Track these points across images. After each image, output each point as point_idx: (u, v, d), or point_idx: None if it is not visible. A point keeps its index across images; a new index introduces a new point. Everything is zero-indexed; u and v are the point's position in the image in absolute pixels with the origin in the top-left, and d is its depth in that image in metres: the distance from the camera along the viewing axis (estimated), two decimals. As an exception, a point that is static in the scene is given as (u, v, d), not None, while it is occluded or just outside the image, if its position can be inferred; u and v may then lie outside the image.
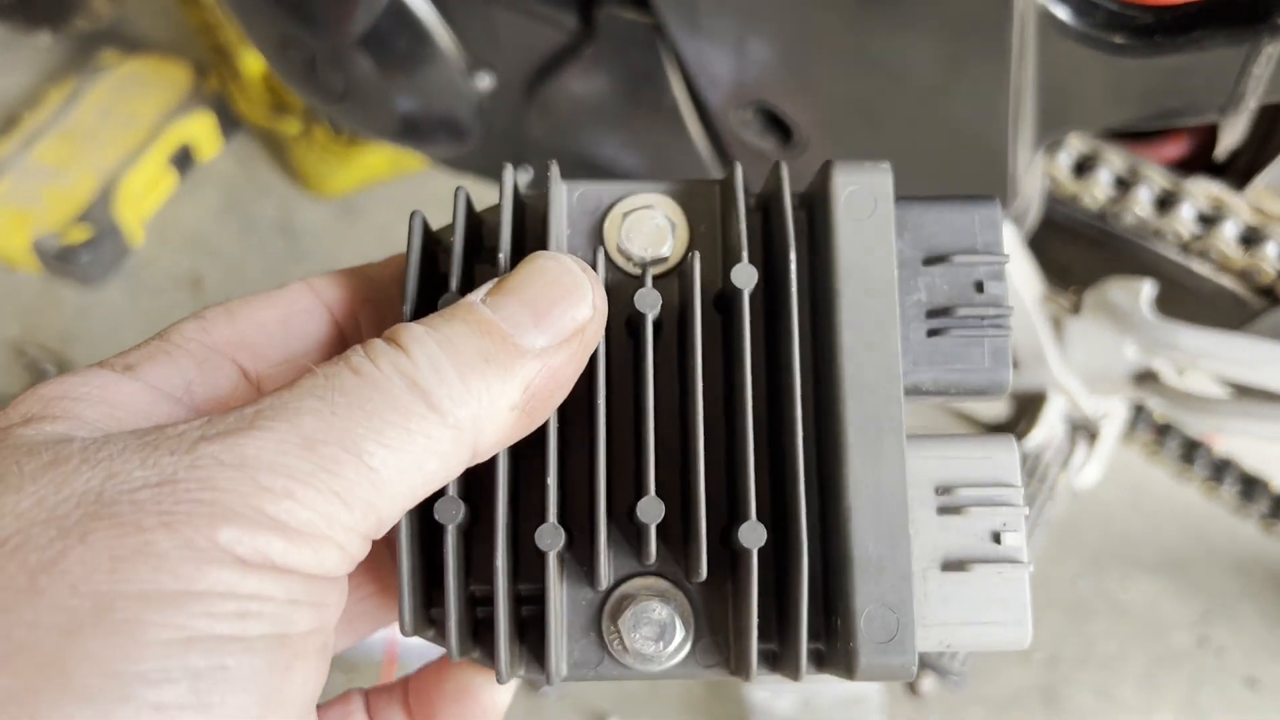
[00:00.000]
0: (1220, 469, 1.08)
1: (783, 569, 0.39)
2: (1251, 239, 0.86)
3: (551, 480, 0.37)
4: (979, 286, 0.40)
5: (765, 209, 0.43)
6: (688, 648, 0.39)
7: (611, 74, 0.95)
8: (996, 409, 1.02)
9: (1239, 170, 0.94)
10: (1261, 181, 0.91)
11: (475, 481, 0.39)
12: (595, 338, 0.37)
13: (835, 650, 0.38)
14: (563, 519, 0.39)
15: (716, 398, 0.41)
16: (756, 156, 0.93)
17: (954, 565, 0.38)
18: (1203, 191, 0.89)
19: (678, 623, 0.39)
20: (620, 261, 0.43)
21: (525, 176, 1.15)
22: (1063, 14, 0.70)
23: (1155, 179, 0.88)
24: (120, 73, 1.89)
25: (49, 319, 1.72)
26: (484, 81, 1.05)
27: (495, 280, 0.37)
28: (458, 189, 0.43)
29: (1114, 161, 0.89)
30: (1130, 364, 0.88)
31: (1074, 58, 0.71)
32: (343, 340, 0.42)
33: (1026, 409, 0.96)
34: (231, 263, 1.80)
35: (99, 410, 0.34)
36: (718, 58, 0.85)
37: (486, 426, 0.34)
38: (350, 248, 1.80)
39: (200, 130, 1.86)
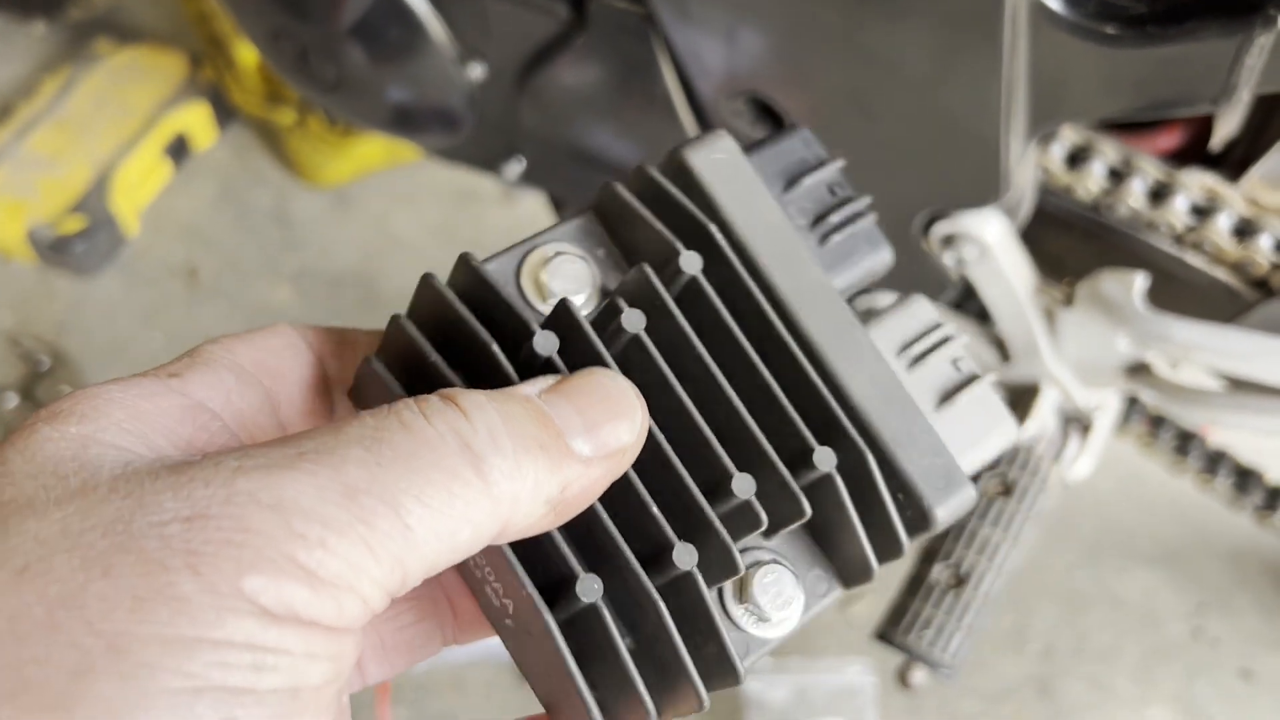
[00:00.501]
0: (1214, 461, 1.08)
1: (846, 477, 0.41)
2: (1245, 231, 0.86)
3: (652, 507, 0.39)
4: (831, 191, 0.46)
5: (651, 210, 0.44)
6: (802, 593, 0.42)
7: (603, 64, 0.95)
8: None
9: (1234, 161, 0.93)
10: (1256, 173, 0.90)
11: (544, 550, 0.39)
12: (631, 460, 0.37)
13: (908, 519, 0.42)
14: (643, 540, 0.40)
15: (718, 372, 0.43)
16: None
17: (944, 402, 0.44)
18: (1197, 183, 0.88)
19: (785, 575, 0.41)
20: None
21: (518, 167, 1.15)
22: (1055, 4, 0.70)
23: (1149, 170, 0.88)
24: (115, 62, 1.89)
25: (44, 309, 1.72)
26: (476, 71, 1.04)
27: (551, 379, 0.37)
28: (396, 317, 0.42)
29: (1107, 153, 0.88)
30: (1123, 356, 0.87)
31: (1066, 48, 0.71)
32: (325, 378, 0.42)
33: (1019, 401, 0.96)
34: (227, 252, 1.79)
35: (126, 413, 0.34)
36: (709, 48, 0.85)
37: (521, 510, 0.33)
38: (345, 237, 1.80)
39: (195, 120, 1.85)
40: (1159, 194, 0.87)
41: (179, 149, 1.85)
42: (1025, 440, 0.92)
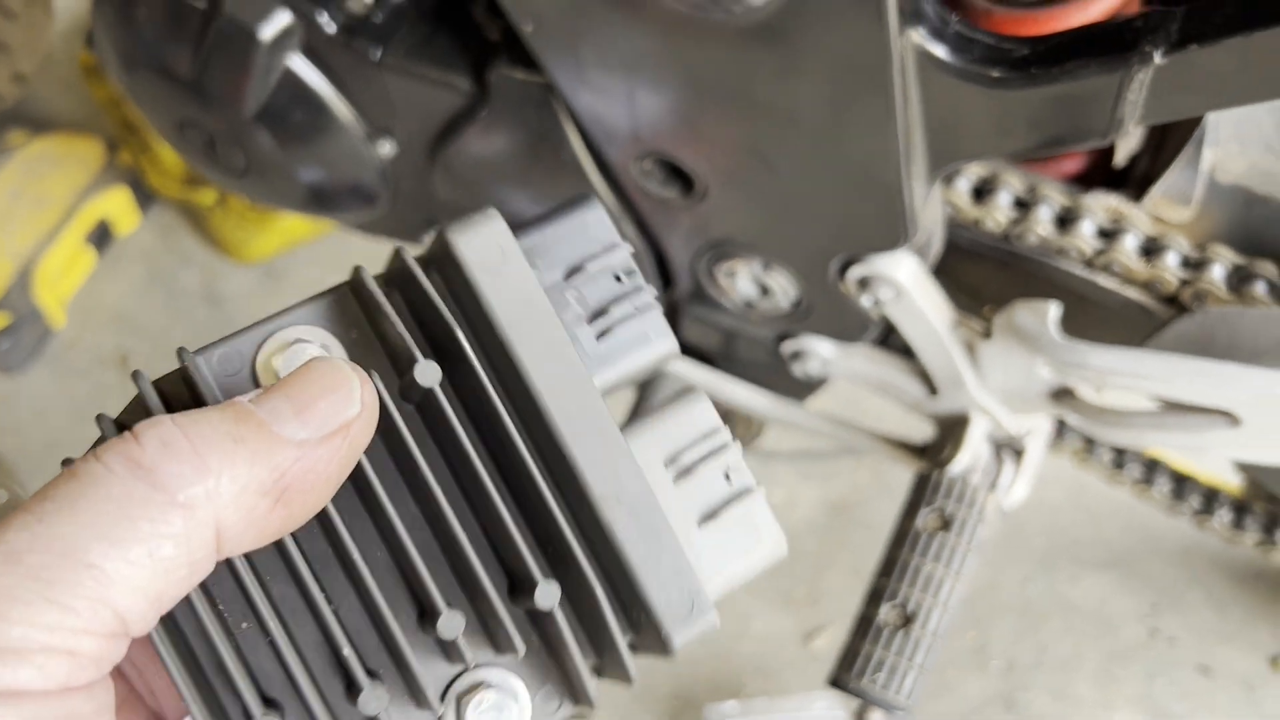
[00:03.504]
0: (1150, 469, 1.09)
1: (577, 602, 0.41)
2: (1152, 250, 0.87)
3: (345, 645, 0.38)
4: (617, 278, 0.44)
5: (404, 292, 0.43)
6: (529, 707, 0.41)
7: (510, 134, 0.95)
8: (923, 431, 1.03)
9: (1137, 179, 0.95)
10: (1158, 190, 0.92)
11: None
12: (362, 437, 0.36)
13: (648, 638, 0.41)
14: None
15: (449, 487, 0.41)
16: (662, 206, 0.93)
17: (707, 518, 0.42)
18: (1101, 205, 0.90)
19: (513, 693, 0.40)
20: None
21: (438, 236, 1.14)
22: (940, 51, 0.71)
23: (1054, 197, 0.89)
24: (29, 153, 1.86)
25: (-27, 411, 1.69)
26: (385, 148, 1.04)
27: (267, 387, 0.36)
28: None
29: (1013, 183, 0.90)
30: (1046, 383, 0.88)
31: (956, 93, 0.72)
32: None
33: (951, 432, 0.96)
34: (158, 337, 1.77)
35: None
36: (609, 112, 0.85)
37: (230, 509, 0.32)
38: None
39: (116, 205, 1.83)
40: (1065, 220, 0.89)
41: (102, 236, 1.83)
42: (959, 472, 0.93)
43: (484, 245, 0.41)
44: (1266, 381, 0.74)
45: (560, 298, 0.43)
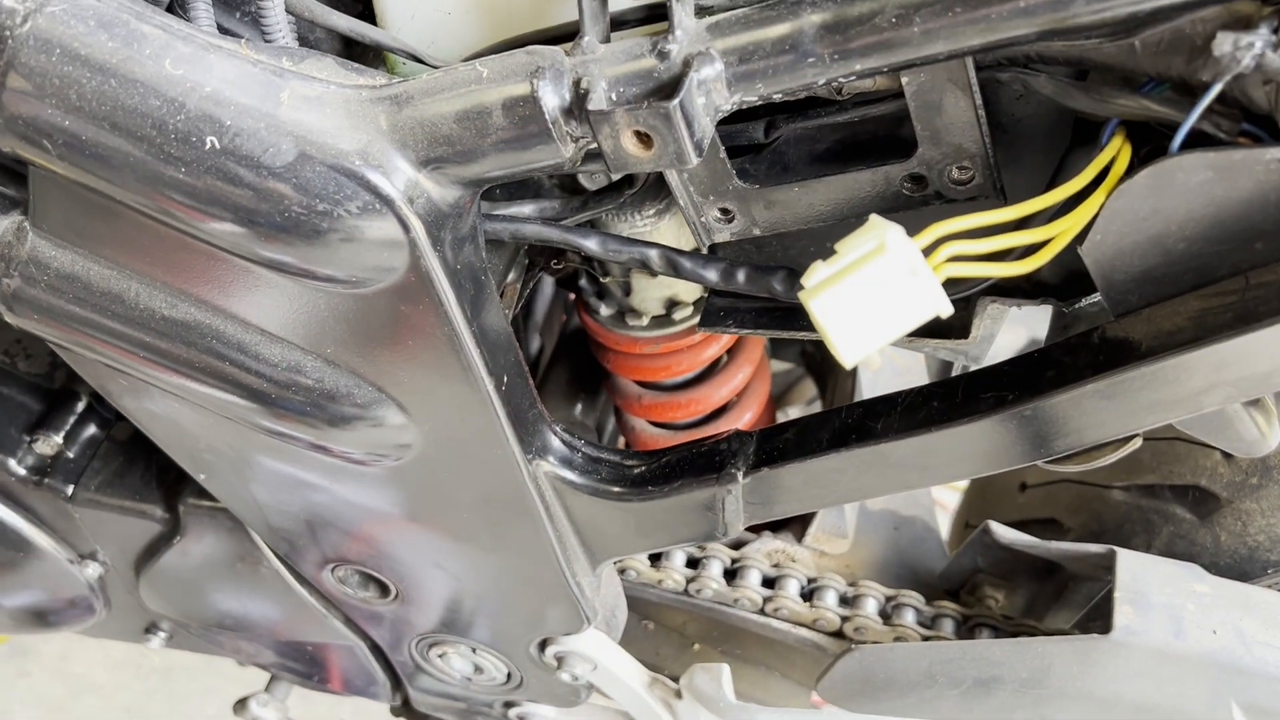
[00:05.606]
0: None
1: None
2: (813, 592, 0.96)
3: None
4: None
5: None
6: None
7: (208, 554, 0.98)
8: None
9: (799, 516, 1.05)
10: (815, 528, 1.02)
11: None
12: None
13: None
14: None
15: None
16: (365, 604, 0.96)
17: None
18: (765, 551, 0.99)
19: None
20: None
21: (161, 638, 1.14)
22: (571, 475, 0.79)
23: (722, 552, 0.97)
24: None
25: None
26: (92, 569, 1.05)
27: None
28: None
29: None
30: (742, 730, 0.94)
31: (592, 507, 0.80)
32: None
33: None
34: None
35: None
36: (293, 536, 0.89)
37: None
38: (24, 693, 1.69)
39: None
40: (733, 573, 0.97)
41: None
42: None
43: None
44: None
45: None
